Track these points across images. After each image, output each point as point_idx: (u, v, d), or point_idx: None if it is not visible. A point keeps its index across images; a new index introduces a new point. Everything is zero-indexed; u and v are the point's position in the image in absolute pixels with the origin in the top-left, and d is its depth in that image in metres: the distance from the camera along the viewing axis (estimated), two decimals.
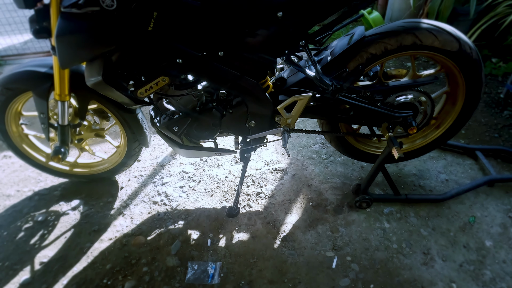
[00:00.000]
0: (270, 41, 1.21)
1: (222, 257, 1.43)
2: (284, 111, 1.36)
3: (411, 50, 1.29)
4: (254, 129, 1.45)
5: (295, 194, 1.69)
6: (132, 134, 1.64)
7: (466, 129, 2.04)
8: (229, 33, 1.19)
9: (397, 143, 1.35)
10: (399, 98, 1.40)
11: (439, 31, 1.26)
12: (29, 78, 1.40)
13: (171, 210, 1.67)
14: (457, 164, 1.79)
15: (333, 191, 1.69)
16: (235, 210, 1.54)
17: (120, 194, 1.79)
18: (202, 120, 1.43)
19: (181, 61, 1.22)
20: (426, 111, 1.44)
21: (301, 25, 1.19)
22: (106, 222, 1.64)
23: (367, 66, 1.34)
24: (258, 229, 1.53)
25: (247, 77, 1.29)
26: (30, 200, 1.78)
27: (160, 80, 1.26)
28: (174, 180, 1.85)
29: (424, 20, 1.28)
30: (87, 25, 1.10)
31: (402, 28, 1.26)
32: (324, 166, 1.85)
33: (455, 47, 1.28)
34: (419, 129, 1.49)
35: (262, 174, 1.84)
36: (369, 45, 1.29)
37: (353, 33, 1.35)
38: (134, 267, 1.41)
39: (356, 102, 1.33)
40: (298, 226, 1.53)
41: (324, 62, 1.37)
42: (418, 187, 1.68)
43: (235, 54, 1.24)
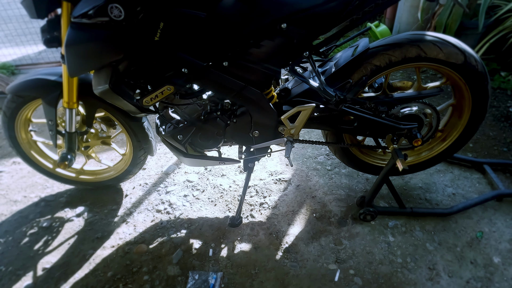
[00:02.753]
0: (274, 52, 1.23)
1: (223, 267, 1.42)
2: (287, 121, 1.36)
3: (415, 62, 1.29)
4: (258, 139, 1.45)
5: (299, 205, 1.68)
6: (137, 142, 1.65)
7: (474, 142, 2.01)
8: (233, 44, 1.21)
9: (402, 155, 1.34)
10: (404, 110, 1.39)
11: (443, 44, 1.26)
12: (39, 86, 1.44)
13: (174, 218, 1.67)
14: (464, 178, 1.76)
15: (337, 203, 1.67)
16: (238, 220, 1.54)
17: (125, 202, 1.80)
18: (206, 129, 1.44)
19: (186, 71, 1.24)
20: (431, 123, 1.43)
21: (304, 37, 1.20)
22: (109, 229, 1.64)
23: (371, 78, 1.35)
24: (261, 239, 1.52)
25: (251, 87, 1.30)
26: (36, 206, 1.81)
27: (165, 89, 1.28)
28: (178, 189, 1.86)
29: (429, 33, 1.28)
30: (96, 35, 1.13)
31: (406, 40, 1.27)
32: (328, 177, 1.84)
33: (460, 59, 1.27)
34: (424, 141, 1.48)
35: (266, 184, 1.83)
36: (373, 57, 1.30)
37: (358, 45, 1.36)
38: (135, 276, 1.41)
39: (360, 113, 1.33)
40: (301, 237, 1.51)
41: (329, 73, 1.38)
42: (424, 201, 1.65)
43: (240, 64, 1.25)
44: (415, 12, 3.04)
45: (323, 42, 1.27)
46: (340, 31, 1.25)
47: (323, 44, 1.27)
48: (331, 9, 1.14)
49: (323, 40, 1.28)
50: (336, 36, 1.26)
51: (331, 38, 1.27)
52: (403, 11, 3.21)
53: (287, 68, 1.29)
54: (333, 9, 1.15)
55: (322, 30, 1.20)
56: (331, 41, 1.27)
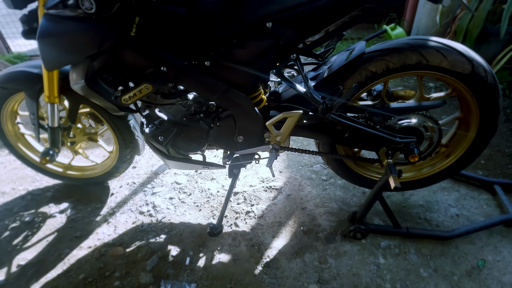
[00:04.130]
0: (259, 53, 1.14)
1: (198, 278, 1.34)
2: (273, 128, 1.27)
3: (416, 70, 1.17)
4: (242, 145, 1.36)
5: (287, 217, 1.58)
6: (123, 140, 1.60)
7: (486, 159, 1.85)
8: (215, 43, 1.12)
9: (396, 171, 1.21)
10: (402, 122, 1.27)
11: (448, 51, 1.13)
12: (22, 78, 1.41)
13: (155, 222, 1.60)
14: (471, 198, 1.61)
15: (328, 216, 1.56)
16: (218, 229, 1.45)
17: (109, 201, 1.76)
18: (188, 132, 1.37)
19: (165, 69, 1.16)
20: (432, 138, 1.29)
21: (291, 38, 1.11)
22: (89, 228, 1.59)
23: (368, 85, 1.23)
24: (241, 251, 1.43)
25: (235, 90, 1.22)
26: (22, 199, 1.78)
27: (143, 87, 1.21)
28: (165, 190, 1.79)
29: (433, 38, 1.16)
30: (67, 27, 1.07)
31: (406, 46, 1.15)
32: (322, 188, 1.73)
33: (467, 69, 1.14)
34: (423, 157, 1.35)
35: (256, 191, 1.74)
36: (370, 62, 1.18)
37: (353, 49, 1.24)
38: (107, 280, 1.35)
39: (351, 123, 1.22)
40: (284, 252, 1.42)
41: (321, 77, 1.28)
42: (423, 221, 1.52)
43: (223, 65, 1.17)
44: (434, 15, 2.85)
45: (313, 43, 1.17)
46: (332, 32, 1.15)
47: (313, 46, 1.17)
48: (319, 8, 1.04)
49: (313, 42, 1.17)
50: (326, 38, 1.16)
51: (322, 39, 1.17)
52: (422, 14, 3.03)
53: (272, 71, 1.19)
54: (321, 8, 1.04)
55: (311, 30, 1.10)
56: (322, 43, 1.17)
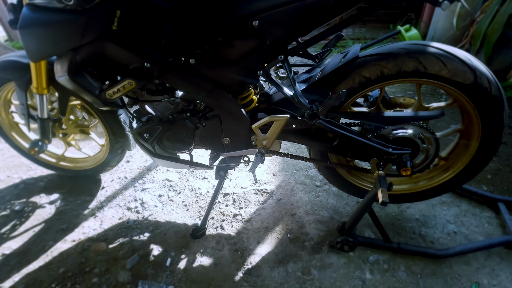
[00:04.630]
0: (245, 53, 1.08)
1: (177, 280, 1.31)
2: (259, 131, 1.21)
3: (413, 78, 1.09)
4: (229, 147, 1.31)
5: (274, 222, 1.53)
6: (113, 134, 1.58)
7: (493, 173, 1.74)
8: (200, 40, 1.07)
9: (386, 184, 1.14)
10: (396, 132, 1.19)
11: (449, 58, 1.04)
12: (12, 68, 1.40)
13: (141, 219, 1.58)
14: (472, 215, 1.51)
15: (317, 225, 1.50)
16: (200, 232, 1.42)
17: (99, 194, 1.75)
18: (174, 130, 1.33)
19: (149, 66, 1.12)
20: (428, 150, 1.21)
21: (279, 38, 1.05)
22: (76, 221, 1.59)
23: (361, 91, 1.16)
24: (224, 255, 1.39)
25: (221, 90, 1.17)
26: (15, 188, 1.80)
27: (126, 83, 1.17)
28: (155, 187, 1.77)
29: (433, 44, 1.07)
30: (48, 18, 1.04)
31: (404, 51, 1.07)
32: (315, 194, 1.66)
33: (469, 79, 1.05)
34: (417, 171, 1.27)
35: (246, 194, 1.69)
36: (363, 67, 1.11)
37: (348, 51, 1.17)
38: (86, 276, 1.34)
39: (341, 130, 1.15)
40: (267, 259, 1.37)
41: (313, 80, 1.21)
42: (417, 236, 1.43)
43: (209, 63, 1.12)
44: (452, 18, 2.71)
45: (302, 45, 1.10)
46: (323, 33, 1.08)
47: (302, 47, 1.10)
48: (308, 6, 0.97)
49: (303, 43, 1.11)
50: (317, 39, 1.09)
51: (312, 40, 1.10)
52: (439, 15, 2.89)
53: (260, 72, 1.13)
54: (311, 7, 0.97)
55: (299, 31, 1.04)
56: (312, 44, 1.10)
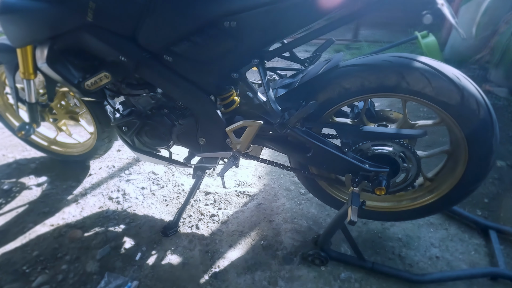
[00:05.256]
0: (219, 54, 1.04)
1: (143, 276, 1.30)
2: (233, 134, 1.18)
3: (395, 93, 1.02)
4: (205, 147, 1.29)
5: (251, 227, 1.49)
6: (99, 124, 1.58)
7: (492, 198, 1.63)
8: (175, 38, 1.04)
9: (358, 202, 1.08)
10: (376, 148, 1.12)
11: (434, 75, 0.96)
12: (2, 51, 1.41)
13: (120, 210, 1.58)
14: (459, 240, 1.42)
15: (293, 234, 1.46)
16: (171, 230, 1.41)
17: (85, 181, 1.77)
18: (152, 126, 1.32)
19: (125, 60, 1.11)
20: (409, 170, 1.14)
21: (253, 41, 1.00)
22: (58, 206, 1.61)
23: (341, 102, 1.09)
24: (194, 256, 1.37)
25: (197, 89, 1.14)
26: (8, 167, 1.85)
27: (102, 76, 1.17)
28: (140, 179, 1.77)
29: (420, 58, 0.99)
30: (23, 6, 1.04)
31: (387, 64, 1.00)
32: (297, 202, 1.62)
33: (455, 99, 0.97)
34: (396, 191, 1.19)
35: (228, 195, 1.66)
36: (344, 77, 1.05)
37: (331, 59, 1.11)
38: (56, 262, 1.36)
39: (315, 141, 1.09)
40: (236, 264, 1.34)
41: (292, 87, 1.16)
42: (396, 257, 1.37)
43: (185, 62, 1.09)
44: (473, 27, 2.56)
45: (278, 50, 1.05)
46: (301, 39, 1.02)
47: (277, 52, 1.05)
48: (284, 10, 0.92)
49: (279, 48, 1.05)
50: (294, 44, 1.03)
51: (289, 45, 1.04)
52: (461, 23, 2.71)
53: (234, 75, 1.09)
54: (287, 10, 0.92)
55: (275, 34, 0.99)
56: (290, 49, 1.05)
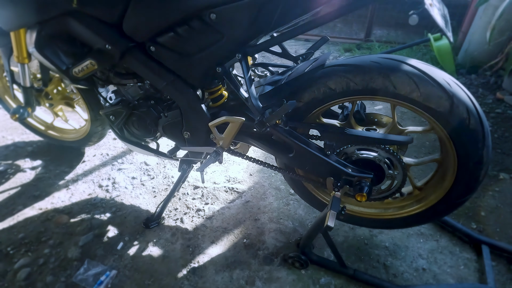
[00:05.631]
0: (203, 46, 1.02)
1: (122, 266, 1.31)
2: (215, 129, 1.15)
3: (381, 96, 0.97)
4: (190, 141, 1.27)
5: (235, 224, 1.47)
6: (92, 111, 1.59)
7: (489, 211, 1.56)
8: (160, 28, 1.02)
9: (338, 207, 1.04)
10: (361, 152, 1.08)
11: (423, 79, 0.91)
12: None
13: (108, 198, 1.59)
14: (449, 253, 1.37)
15: (277, 235, 1.43)
16: (153, 222, 1.40)
17: (78, 167, 1.78)
18: (138, 117, 1.31)
19: (110, 48, 1.09)
20: (394, 177, 1.09)
21: (236, 35, 0.97)
22: (49, 190, 1.63)
23: (327, 103, 1.05)
24: (175, 249, 1.37)
25: (181, 81, 1.12)
26: (6, 149, 1.88)
27: (88, 63, 1.16)
28: (131, 168, 1.77)
29: (411, 61, 0.94)
30: None
31: (374, 65, 0.95)
32: (285, 202, 1.59)
33: (444, 106, 0.92)
34: (379, 198, 1.15)
35: (216, 190, 1.65)
36: (330, 77, 1.01)
37: (318, 58, 1.07)
38: (40, 245, 1.37)
39: (297, 141, 1.06)
40: (215, 261, 1.32)
41: (279, 84, 1.12)
42: (381, 266, 1.32)
43: (168, 53, 1.07)
44: None
45: (261, 45, 1.01)
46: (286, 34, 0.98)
47: (262, 46, 1.01)
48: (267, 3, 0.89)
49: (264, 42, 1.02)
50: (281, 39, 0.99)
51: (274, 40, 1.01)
52: (477, 26, 2.61)
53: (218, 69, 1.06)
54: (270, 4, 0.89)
55: (259, 28, 0.95)
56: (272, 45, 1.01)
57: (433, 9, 0.82)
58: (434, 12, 0.81)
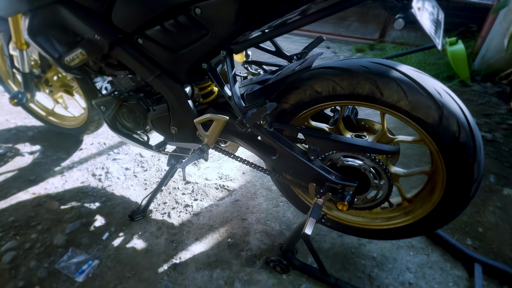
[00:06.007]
0: (188, 41, 1.00)
1: (105, 257, 1.31)
2: (200, 126, 1.13)
3: (368, 102, 0.93)
4: (177, 136, 1.26)
5: (221, 223, 1.46)
6: (88, 100, 1.59)
7: (487, 227, 1.48)
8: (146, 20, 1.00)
9: (317, 214, 1.01)
10: (346, 159, 1.04)
11: (412, 87, 0.86)
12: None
13: (100, 188, 1.60)
14: (439, 269, 1.31)
15: (262, 236, 1.41)
16: (138, 215, 1.40)
17: (75, 155, 1.80)
18: (127, 109, 1.30)
19: (99, 38, 1.09)
20: (379, 187, 1.05)
21: (221, 31, 0.94)
22: (44, 176, 1.66)
23: (313, 106, 1.02)
24: (158, 244, 1.37)
25: (167, 76, 1.10)
26: (8, 132, 1.92)
27: (79, 53, 1.16)
28: (126, 159, 1.78)
29: (401, 67, 0.90)
30: None
31: (362, 70, 0.90)
32: (275, 204, 1.56)
33: (432, 116, 0.87)
34: (363, 208, 1.11)
35: (207, 186, 1.63)
36: (317, 80, 0.97)
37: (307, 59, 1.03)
38: (28, 230, 1.40)
39: (280, 144, 1.03)
40: (197, 259, 1.31)
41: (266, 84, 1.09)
42: (365, 276, 1.28)
43: (155, 46, 1.05)
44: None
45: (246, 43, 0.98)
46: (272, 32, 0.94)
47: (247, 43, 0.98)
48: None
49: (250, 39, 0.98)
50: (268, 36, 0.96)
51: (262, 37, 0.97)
52: (496, 32, 2.49)
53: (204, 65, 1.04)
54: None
55: (245, 25, 0.92)
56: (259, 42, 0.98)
57: (422, 13, 0.77)
58: (422, 17, 0.76)
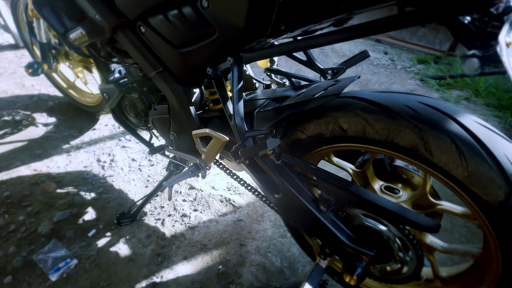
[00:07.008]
0: (192, 38, 0.80)
1: (85, 257, 1.21)
2: (198, 140, 0.95)
3: (408, 157, 0.68)
4: (176, 144, 1.09)
5: (216, 244, 1.29)
6: (105, 80, 1.47)
7: None
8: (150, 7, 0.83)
9: (318, 280, 0.79)
10: (367, 219, 0.80)
11: (475, 152, 0.60)
12: None
13: (100, 176, 1.50)
14: None
15: (258, 271, 1.21)
16: (125, 220, 1.27)
17: (87, 134, 1.72)
18: (129, 102, 1.16)
19: (100, 20, 0.93)
20: (404, 262, 0.80)
21: (229, 32, 0.73)
22: (50, 152, 1.59)
23: (334, 144, 0.79)
24: (144, 254, 1.23)
25: (169, 74, 0.93)
26: (29, 99, 1.88)
27: (79, 32, 1.02)
28: (135, 149, 1.66)
29: (468, 119, 0.63)
30: None
31: (408, 112, 0.65)
32: (281, 233, 1.35)
33: (496, 195, 0.60)
34: (381, 279, 0.87)
35: (211, 197, 1.46)
36: (344, 113, 0.73)
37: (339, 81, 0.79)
38: (18, 210, 1.33)
39: (285, 183, 0.82)
40: (180, 282, 1.16)
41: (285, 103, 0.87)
42: None
43: (159, 38, 0.87)
44: None
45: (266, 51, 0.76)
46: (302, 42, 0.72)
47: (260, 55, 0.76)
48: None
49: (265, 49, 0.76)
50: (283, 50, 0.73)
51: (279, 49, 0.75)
52: None
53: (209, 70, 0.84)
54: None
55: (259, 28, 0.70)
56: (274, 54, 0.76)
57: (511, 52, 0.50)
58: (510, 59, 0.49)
